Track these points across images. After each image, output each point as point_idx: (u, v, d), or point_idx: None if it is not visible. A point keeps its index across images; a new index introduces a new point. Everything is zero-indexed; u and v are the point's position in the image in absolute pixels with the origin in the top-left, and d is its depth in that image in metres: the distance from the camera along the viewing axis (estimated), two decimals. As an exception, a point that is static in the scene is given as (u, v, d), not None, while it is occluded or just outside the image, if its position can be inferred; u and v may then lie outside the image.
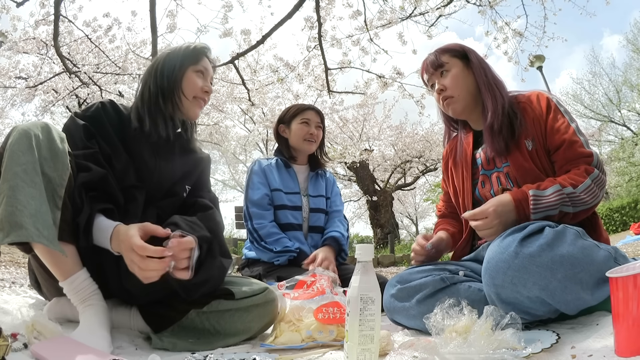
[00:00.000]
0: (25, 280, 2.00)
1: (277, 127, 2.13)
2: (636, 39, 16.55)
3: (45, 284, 1.25)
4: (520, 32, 5.02)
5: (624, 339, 0.76)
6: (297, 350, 1.06)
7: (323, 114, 2.15)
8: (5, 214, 0.92)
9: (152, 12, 3.69)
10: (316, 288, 1.26)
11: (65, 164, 1.04)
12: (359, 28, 5.13)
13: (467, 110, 1.39)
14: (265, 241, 1.89)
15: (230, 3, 4.90)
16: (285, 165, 2.08)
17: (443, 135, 1.60)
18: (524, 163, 1.28)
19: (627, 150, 15.92)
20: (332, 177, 2.27)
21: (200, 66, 1.33)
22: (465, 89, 1.36)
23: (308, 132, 2.05)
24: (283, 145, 2.12)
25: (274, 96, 7.61)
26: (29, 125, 1.03)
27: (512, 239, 1.03)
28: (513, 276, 0.99)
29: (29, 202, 0.95)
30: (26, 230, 0.92)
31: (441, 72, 1.39)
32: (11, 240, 0.92)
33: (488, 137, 1.32)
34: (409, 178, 12.40)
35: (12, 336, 0.88)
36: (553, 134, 1.26)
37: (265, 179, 2.01)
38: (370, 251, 0.85)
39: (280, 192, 2.00)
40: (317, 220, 2.07)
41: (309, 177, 2.13)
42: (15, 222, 0.92)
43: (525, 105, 1.32)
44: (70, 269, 1.06)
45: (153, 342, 1.09)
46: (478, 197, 1.40)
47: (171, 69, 1.30)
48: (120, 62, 6.18)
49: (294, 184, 2.05)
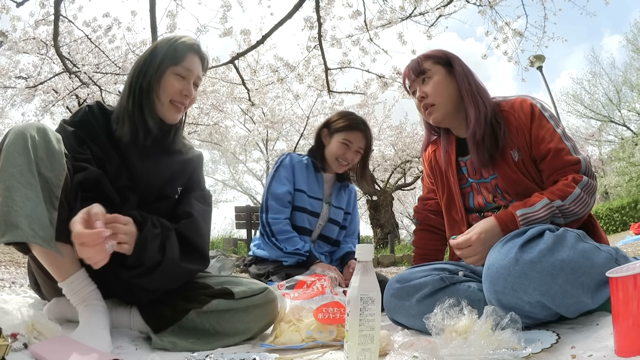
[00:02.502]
0: (25, 280, 2.00)
1: (321, 130, 2.02)
2: (636, 39, 16.56)
3: (44, 284, 1.25)
4: (520, 32, 5.02)
5: (624, 339, 0.76)
6: (297, 350, 1.06)
7: (372, 137, 2.00)
8: (0, 214, 0.93)
9: (152, 12, 3.69)
10: (316, 288, 1.27)
11: (61, 164, 1.04)
12: (359, 28, 5.14)
13: (447, 118, 1.35)
14: (276, 237, 1.85)
15: (229, 3, 4.90)
16: (315, 168, 2.00)
17: (424, 137, 1.56)
18: (511, 175, 1.26)
19: (627, 150, 15.91)
20: (354, 192, 2.20)
21: (180, 67, 1.23)
22: (447, 97, 1.32)
23: (344, 155, 1.93)
24: (319, 150, 2.01)
25: (274, 96, 7.63)
26: (25, 127, 1.03)
27: (512, 244, 1.03)
28: (514, 282, 0.99)
29: (25, 202, 0.95)
30: (22, 231, 0.92)
31: (423, 79, 1.35)
32: (6, 240, 0.92)
33: (472, 148, 1.29)
34: (409, 178, 12.39)
35: (12, 336, 0.89)
36: (538, 143, 1.23)
37: (292, 175, 1.95)
38: (370, 251, 0.85)
39: (303, 194, 1.94)
40: (331, 231, 2.03)
41: (333, 185, 2.07)
42: (10, 223, 0.92)
43: (508, 114, 1.28)
44: (69, 270, 1.06)
45: (153, 342, 1.09)
46: (471, 206, 1.39)
47: (149, 68, 1.23)
48: (120, 62, 6.19)
49: (319, 189, 2.00)
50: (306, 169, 1.99)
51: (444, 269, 1.27)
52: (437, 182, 1.48)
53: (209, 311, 1.13)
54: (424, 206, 1.59)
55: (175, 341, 1.09)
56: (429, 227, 1.58)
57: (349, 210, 2.13)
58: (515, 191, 1.26)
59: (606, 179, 16.90)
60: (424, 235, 1.59)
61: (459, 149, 1.40)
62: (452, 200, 1.43)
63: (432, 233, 1.58)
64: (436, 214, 1.55)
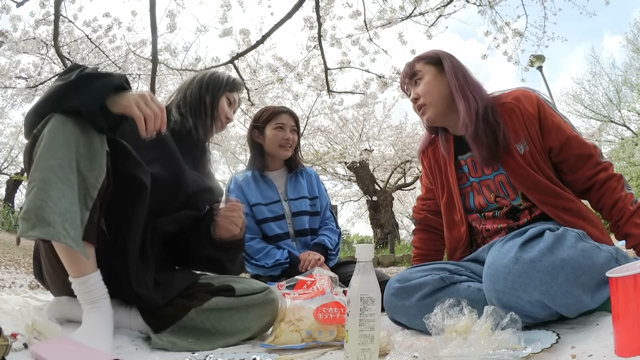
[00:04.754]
0: (25, 280, 2.00)
1: (252, 133, 2.03)
2: (636, 39, 16.54)
3: (50, 276, 1.23)
4: (520, 32, 5.02)
5: (624, 339, 0.76)
6: (297, 350, 1.06)
7: (297, 115, 2.07)
8: (33, 205, 0.90)
9: (152, 12, 3.69)
10: (316, 288, 1.26)
11: (102, 165, 1.02)
12: (359, 28, 5.14)
13: (440, 116, 1.34)
14: (254, 259, 1.88)
15: (229, 3, 4.91)
16: (261, 176, 2.01)
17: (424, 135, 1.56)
18: (517, 169, 1.24)
19: (627, 150, 15.90)
20: (313, 172, 2.16)
21: (232, 95, 1.50)
22: (437, 96, 1.32)
23: (283, 138, 1.97)
24: (256, 152, 2.03)
25: (274, 96, 7.62)
26: (70, 118, 1.00)
27: (513, 243, 1.03)
28: (514, 281, 0.99)
29: (60, 199, 0.92)
30: (54, 229, 0.90)
31: (415, 81, 1.37)
32: (36, 235, 0.90)
33: (472, 145, 1.28)
34: (409, 178, 12.39)
35: (12, 336, 0.88)
36: (552, 132, 1.24)
37: (243, 195, 1.94)
38: (370, 251, 0.85)
39: (260, 206, 1.94)
40: (301, 224, 2.00)
41: (287, 180, 2.05)
42: (42, 218, 0.90)
43: (512, 105, 1.27)
44: (85, 269, 1.05)
45: (152, 341, 1.09)
46: (472, 206, 1.37)
47: (214, 86, 1.45)
48: (120, 62, 6.19)
49: (273, 192, 1.99)
50: (254, 180, 1.99)
51: (444, 269, 1.27)
52: (437, 182, 1.48)
53: (209, 309, 1.13)
54: (422, 206, 1.59)
55: (174, 341, 1.09)
56: (428, 228, 1.58)
57: (315, 194, 2.09)
58: (525, 186, 1.24)
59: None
60: (423, 236, 1.59)
61: (458, 148, 1.39)
62: (451, 201, 1.42)
63: (432, 233, 1.58)
64: (435, 214, 1.55)
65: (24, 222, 0.90)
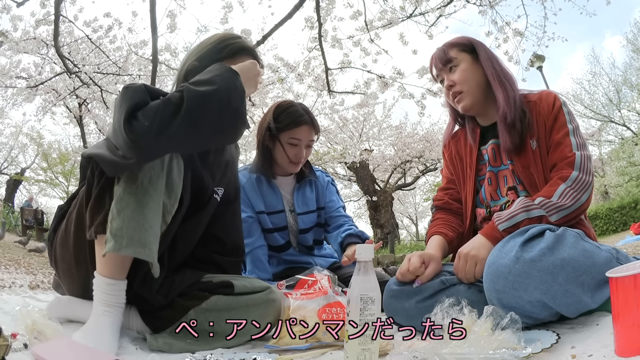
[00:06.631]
0: (25, 280, 2.00)
1: (263, 133, 1.76)
2: (636, 39, 16.55)
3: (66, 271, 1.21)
4: (520, 32, 5.02)
5: (624, 339, 0.76)
6: (301, 351, 1.05)
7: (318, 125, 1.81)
8: (128, 226, 0.96)
9: (152, 12, 3.68)
10: (317, 288, 1.26)
11: (177, 195, 1.09)
12: (360, 28, 5.14)
13: (476, 105, 1.35)
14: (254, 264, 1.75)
15: (230, 3, 4.91)
16: (266, 181, 1.80)
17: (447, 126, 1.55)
18: (527, 163, 1.27)
19: (627, 150, 15.91)
20: (323, 179, 1.95)
21: None
22: (475, 84, 1.33)
23: (295, 155, 1.73)
24: (264, 156, 1.78)
25: (274, 96, 7.60)
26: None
27: (513, 243, 1.03)
28: (514, 281, 0.99)
29: (155, 223, 1.00)
30: (150, 251, 0.98)
31: (450, 68, 1.36)
32: (130, 254, 0.97)
33: (504, 130, 1.28)
34: (409, 178, 12.40)
35: (12, 336, 0.88)
36: (551, 133, 1.26)
37: (247, 199, 1.76)
38: (370, 251, 0.85)
39: (264, 215, 1.77)
40: (306, 240, 1.87)
41: (294, 189, 1.86)
42: (139, 239, 0.97)
43: (535, 104, 1.30)
44: (118, 273, 1.05)
45: (148, 342, 1.07)
46: (483, 197, 1.38)
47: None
48: (120, 62, 6.19)
49: (277, 200, 1.81)
50: (257, 184, 1.80)
51: (443, 271, 1.27)
52: (458, 173, 1.48)
53: (208, 309, 1.12)
54: (444, 195, 1.53)
55: (171, 342, 1.07)
56: (448, 209, 1.50)
57: (321, 205, 1.90)
58: (529, 182, 1.27)
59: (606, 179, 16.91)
60: (443, 215, 1.49)
61: (482, 139, 1.41)
62: (466, 187, 1.44)
63: (452, 214, 1.49)
64: (456, 200, 1.50)
65: (117, 239, 0.96)
